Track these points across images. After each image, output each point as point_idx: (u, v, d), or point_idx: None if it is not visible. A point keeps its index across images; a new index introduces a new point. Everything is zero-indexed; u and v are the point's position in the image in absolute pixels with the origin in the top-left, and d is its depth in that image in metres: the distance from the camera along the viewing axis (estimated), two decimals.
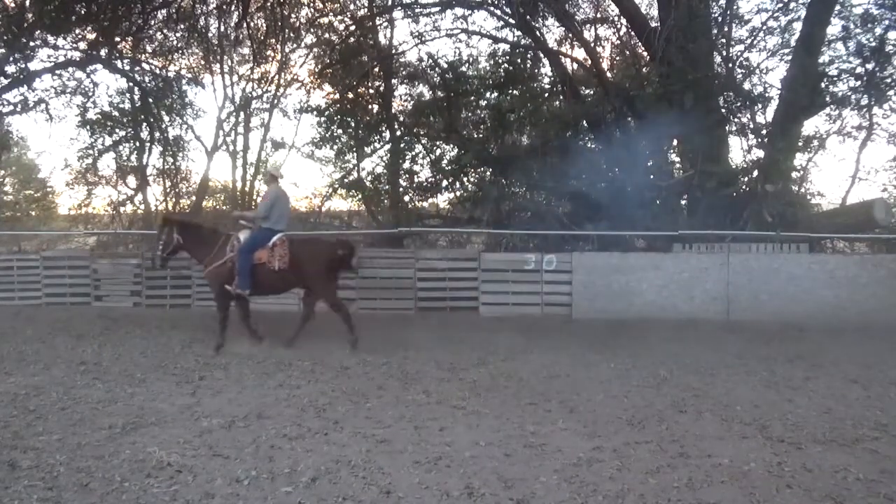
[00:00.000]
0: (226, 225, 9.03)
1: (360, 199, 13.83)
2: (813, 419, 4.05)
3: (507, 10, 10.74)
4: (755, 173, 9.81)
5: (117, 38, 12.19)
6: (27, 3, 10.66)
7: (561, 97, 11.68)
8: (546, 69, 12.43)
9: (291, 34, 13.79)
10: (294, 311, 8.75)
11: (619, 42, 13.45)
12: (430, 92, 12.87)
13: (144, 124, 13.69)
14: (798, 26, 10.35)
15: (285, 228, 6.43)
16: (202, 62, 14.46)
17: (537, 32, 11.38)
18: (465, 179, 12.14)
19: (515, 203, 11.35)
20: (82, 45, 12.25)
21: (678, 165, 11.04)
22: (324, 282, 6.38)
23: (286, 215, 6.50)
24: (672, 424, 3.94)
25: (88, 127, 13.31)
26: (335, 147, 13.81)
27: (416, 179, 12.95)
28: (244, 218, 6.66)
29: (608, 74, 12.01)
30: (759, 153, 10.12)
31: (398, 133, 13.14)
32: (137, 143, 13.86)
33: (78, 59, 12.24)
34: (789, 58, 10.43)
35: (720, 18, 10.76)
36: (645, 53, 11.15)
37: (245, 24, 12.92)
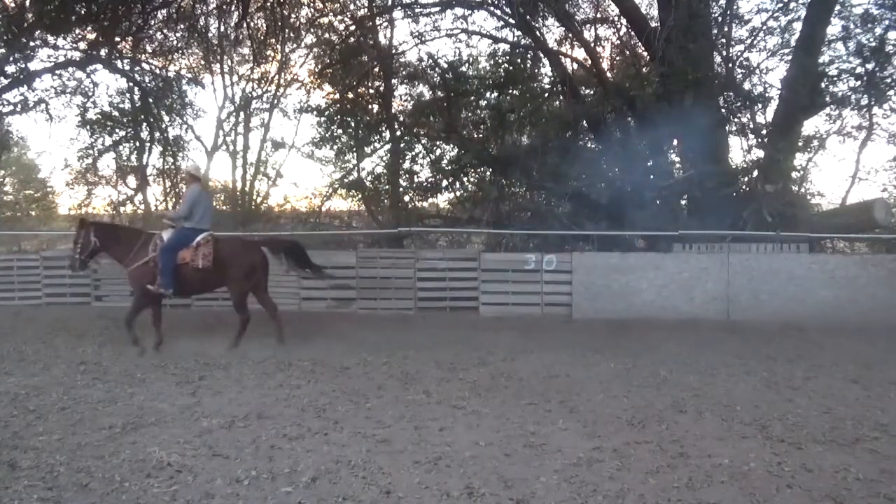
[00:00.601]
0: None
1: (360, 199, 13.84)
2: (813, 419, 4.05)
3: (507, 10, 10.73)
4: (755, 173, 9.81)
5: (117, 38, 12.17)
6: (27, 3, 10.65)
7: (561, 97, 11.67)
8: (546, 69, 12.45)
9: (291, 34, 13.80)
10: (293, 310, 8.78)
11: (619, 42, 13.45)
12: (430, 92, 12.86)
13: (144, 124, 13.69)
14: (798, 26, 10.37)
15: (209, 228, 6.44)
16: (202, 62, 14.49)
17: (537, 32, 11.38)
18: (465, 179, 12.14)
19: (515, 203, 11.35)
20: (82, 45, 12.25)
21: (678, 165, 11.04)
22: (241, 282, 6.37)
23: (209, 214, 6.51)
24: (672, 424, 3.94)
25: (88, 127, 13.31)
26: (335, 147, 13.83)
27: (416, 179, 12.96)
28: (167, 217, 6.71)
29: (608, 74, 12.01)
30: (759, 153, 10.13)
31: (398, 133, 13.14)
32: (137, 143, 13.87)
33: (78, 59, 12.23)
34: (789, 58, 10.43)
35: (720, 18, 10.76)
36: (645, 53, 11.14)
37: (245, 24, 12.93)
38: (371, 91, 13.28)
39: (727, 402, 4.41)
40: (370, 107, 13.34)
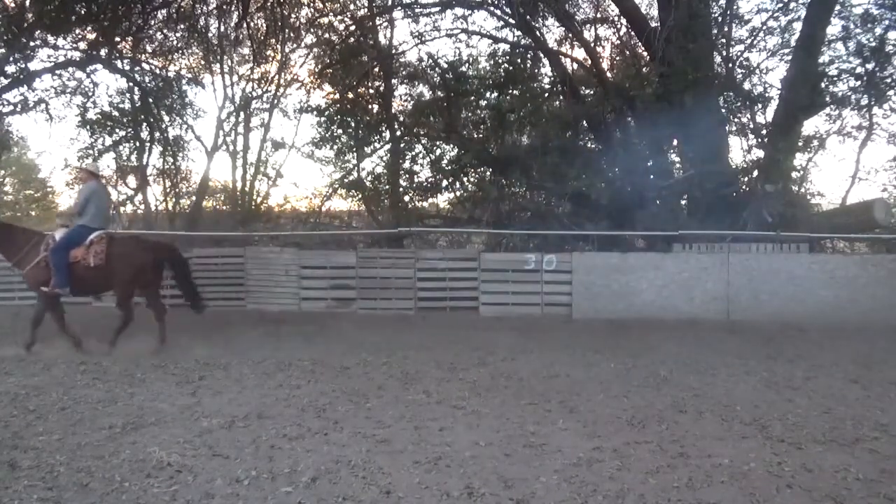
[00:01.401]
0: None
1: (360, 199, 13.84)
2: (813, 419, 4.05)
3: (507, 10, 10.74)
4: (755, 173, 9.82)
5: (117, 38, 12.16)
6: (27, 3, 10.65)
7: (561, 97, 11.68)
8: (546, 69, 12.45)
9: (291, 34, 13.80)
10: (293, 310, 8.79)
11: (619, 42, 13.47)
12: (430, 92, 12.86)
13: (144, 124, 13.68)
14: (798, 26, 10.38)
15: (104, 225, 6.37)
16: (202, 62, 14.48)
17: (537, 32, 11.39)
18: (465, 179, 12.13)
19: (515, 203, 11.35)
20: (82, 45, 12.23)
21: (678, 165, 11.04)
22: (126, 283, 6.31)
23: (104, 212, 6.44)
24: (672, 424, 3.94)
25: (88, 127, 13.29)
26: (335, 147, 13.81)
27: (416, 179, 12.95)
28: (61, 216, 6.64)
29: (608, 74, 12.01)
30: (759, 153, 10.15)
31: (398, 133, 13.14)
32: (137, 143, 13.87)
33: (78, 59, 12.21)
34: (789, 58, 10.44)
35: (720, 18, 10.78)
36: (645, 53, 11.15)
37: (245, 24, 12.93)
38: (371, 91, 13.28)
39: (727, 402, 4.41)
40: (370, 107, 13.33)
